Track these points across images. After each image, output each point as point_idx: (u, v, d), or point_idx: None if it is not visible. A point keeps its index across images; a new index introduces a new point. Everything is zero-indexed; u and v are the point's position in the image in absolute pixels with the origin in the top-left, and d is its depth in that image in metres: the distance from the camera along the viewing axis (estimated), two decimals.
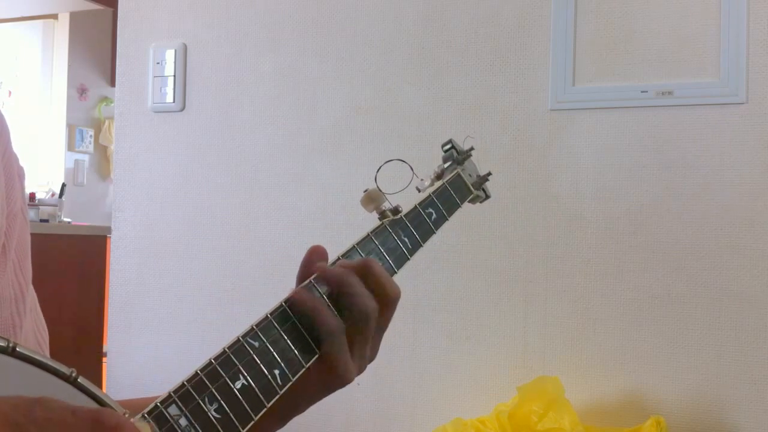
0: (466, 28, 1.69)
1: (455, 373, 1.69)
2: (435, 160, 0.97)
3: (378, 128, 1.75)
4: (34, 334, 0.74)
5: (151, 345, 1.92)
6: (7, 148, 0.70)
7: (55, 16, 5.23)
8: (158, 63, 1.92)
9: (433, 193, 0.90)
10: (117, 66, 1.99)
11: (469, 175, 1.00)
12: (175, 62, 1.91)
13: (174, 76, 1.91)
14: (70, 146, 5.28)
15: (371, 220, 0.80)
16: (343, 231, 1.75)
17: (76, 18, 5.19)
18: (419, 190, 0.92)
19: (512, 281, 1.65)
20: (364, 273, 0.70)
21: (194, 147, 1.90)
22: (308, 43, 1.81)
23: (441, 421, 1.56)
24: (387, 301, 0.70)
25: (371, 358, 0.72)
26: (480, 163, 1.06)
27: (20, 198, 0.71)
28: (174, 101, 1.91)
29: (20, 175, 0.73)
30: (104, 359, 2.01)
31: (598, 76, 1.61)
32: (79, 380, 0.46)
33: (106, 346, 1.99)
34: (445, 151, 0.99)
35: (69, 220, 4.35)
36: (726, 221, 1.53)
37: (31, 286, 0.74)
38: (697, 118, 1.55)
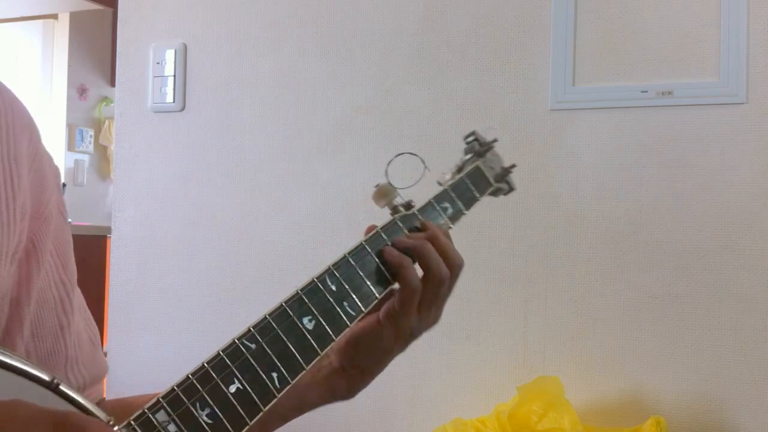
0: (466, 28, 1.69)
1: (455, 372, 1.68)
2: (435, 160, 0.96)
3: (378, 128, 1.75)
4: (86, 332, 0.74)
5: (151, 345, 1.92)
6: (38, 148, 0.68)
7: (55, 16, 5.22)
8: (158, 63, 1.92)
9: (449, 186, 0.86)
10: (117, 66, 1.99)
11: (491, 168, 0.95)
12: (175, 62, 1.91)
13: (174, 76, 1.91)
14: (70, 146, 5.28)
15: (371, 221, 0.80)
16: (343, 231, 1.74)
17: (76, 18, 5.19)
18: (440, 184, 0.88)
19: (512, 281, 1.65)
20: (433, 243, 0.76)
21: (194, 147, 1.90)
22: (308, 43, 1.81)
23: (441, 421, 1.56)
24: (453, 269, 0.76)
25: (435, 320, 0.79)
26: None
27: (55, 199, 0.69)
28: (174, 101, 1.91)
29: (55, 175, 0.71)
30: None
31: (598, 76, 1.61)
32: (61, 387, 0.45)
33: (106, 346, 1.99)
34: (467, 143, 0.95)
35: (69, 220, 4.35)
36: (726, 221, 1.53)
37: (77, 286, 0.73)
38: (697, 118, 1.55)
